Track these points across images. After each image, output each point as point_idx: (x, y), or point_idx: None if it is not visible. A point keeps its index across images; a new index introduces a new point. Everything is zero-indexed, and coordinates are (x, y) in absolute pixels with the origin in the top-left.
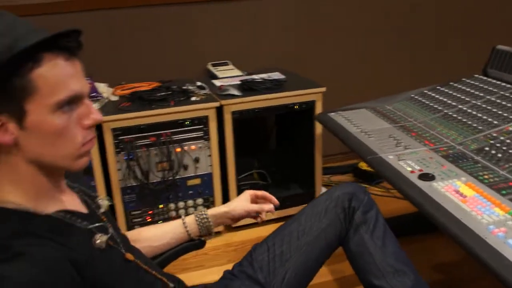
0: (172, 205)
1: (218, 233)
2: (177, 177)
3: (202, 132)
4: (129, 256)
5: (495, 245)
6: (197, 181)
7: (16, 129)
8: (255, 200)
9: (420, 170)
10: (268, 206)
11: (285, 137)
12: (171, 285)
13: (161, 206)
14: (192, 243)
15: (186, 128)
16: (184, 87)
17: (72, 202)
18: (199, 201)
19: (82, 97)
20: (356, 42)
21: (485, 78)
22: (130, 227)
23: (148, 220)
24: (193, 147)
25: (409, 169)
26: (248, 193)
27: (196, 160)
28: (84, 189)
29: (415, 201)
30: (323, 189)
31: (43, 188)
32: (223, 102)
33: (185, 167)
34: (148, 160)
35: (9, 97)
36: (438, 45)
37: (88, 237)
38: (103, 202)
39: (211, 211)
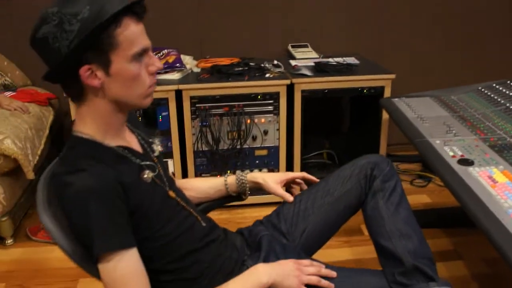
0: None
1: None
2: (245, 146)
3: (272, 107)
4: (172, 194)
5: (509, 226)
6: (264, 152)
7: (103, 75)
8: (290, 182)
9: (462, 156)
10: (289, 198)
11: (357, 121)
12: (204, 224)
13: (228, 172)
14: (231, 197)
15: (258, 102)
16: (262, 65)
17: (131, 141)
18: (264, 170)
19: (148, 50)
20: (433, 33)
21: None
22: None
23: None
24: (263, 120)
25: (451, 153)
26: (285, 177)
27: (265, 133)
28: (143, 135)
29: (446, 181)
30: None
31: (112, 126)
32: (294, 80)
33: (254, 138)
34: (220, 128)
35: (99, 50)
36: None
37: (138, 171)
38: (157, 147)
39: (250, 177)
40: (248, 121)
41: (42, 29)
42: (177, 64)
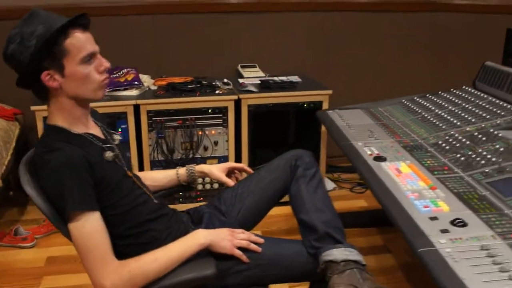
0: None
1: None
2: (198, 156)
3: (221, 120)
4: (129, 173)
5: (403, 202)
6: (214, 161)
7: (60, 78)
8: (233, 171)
9: (378, 154)
10: (230, 183)
11: (301, 134)
12: (156, 201)
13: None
14: (182, 186)
15: (209, 116)
16: (213, 83)
17: (95, 130)
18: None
19: (95, 53)
20: (366, 53)
21: (472, 90)
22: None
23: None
24: (213, 132)
25: (369, 152)
26: (226, 166)
27: (215, 143)
28: (105, 127)
29: (361, 173)
30: (329, 182)
31: (77, 117)
32: (241, 96)
33: (205, 148)
34: (175, 139)
35: (53, 58)
36: (440, 58)
37: (101, 152)
38: (117, 137)
39: (198, 168)
40: (200, 133)
41: (9, 47)
42: (136, 82)
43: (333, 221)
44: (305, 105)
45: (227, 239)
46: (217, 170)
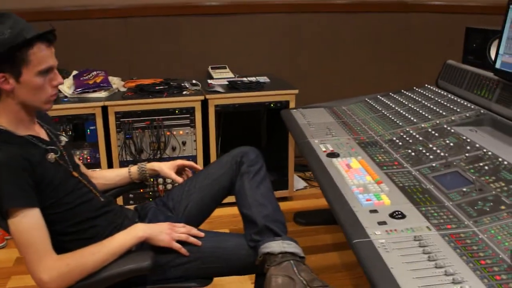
0: (160, 180)
1: None
2: (165, 156)
3: (189, 121)
4: (75, 173)
5: (347, 196)
6: None
7: (14, 82)
8: (183, 168)
9: (332, 151)
10: (179, 180)
11: (270, 133)
12: (102, 199)
13: (151, 179)
14: (134, 183)
15: (176, 116)
16: (182, 84)
17: (40, 133)
18: None
19: (53, 68)
20: (334, 53)
21: (434, 88)
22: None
23: (141, 191)
24: (181, 132)
25: (324, 149)
26: (176, 164)
27: (183, 143)
28: (51, 129)
29: (313, 170)
30: (300, 180)
31: (22, 120)
32: (208, 96)
33: (173, 148)
34: (142, 140)
35: (12, 64)
36: (408, 58)
37: (44, 153)
38: (63, 139)
39: (149, 165)
40: (168, 133)
41: None
42: (104, 84)
43: (273, 215)
44: (272, 105)
45: (165, 232)
46: (167, 168)
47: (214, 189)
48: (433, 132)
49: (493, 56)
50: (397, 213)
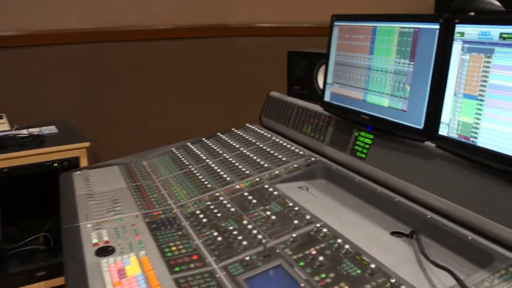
0: None
1: None
2: None
3: None
4: None
5: None
6: None
7: None
8: None
9: (106, 242)
10: None
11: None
12: None
13: None
14: None
15: None
16: None
17: None
18: None
19: None
20: (146, 89)
21: (256, 128)
22: None
23: None
24: None
25: (96, 240)
26: None
27: None
28: None
29: (66, 279)
30: None
31: None
32: None
33: None
34: None
35: None
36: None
37: None
38: None
39: None
40: None
41: None
42: None
43: None
44: (55, 164)
45: None
46: None
47: None
48: (250, 197)
49: (321, 85)
50: None
